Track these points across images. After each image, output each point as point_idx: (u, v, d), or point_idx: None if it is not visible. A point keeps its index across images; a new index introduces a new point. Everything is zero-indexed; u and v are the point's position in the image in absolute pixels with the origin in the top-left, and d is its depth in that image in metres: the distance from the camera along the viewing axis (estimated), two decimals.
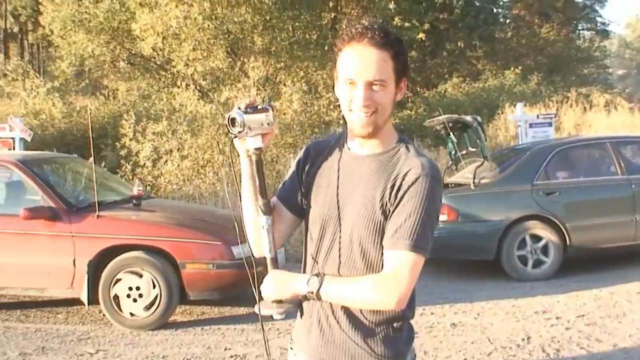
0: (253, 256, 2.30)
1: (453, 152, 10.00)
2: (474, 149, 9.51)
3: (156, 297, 6.56)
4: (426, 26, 22.40)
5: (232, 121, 2.16)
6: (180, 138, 13.45)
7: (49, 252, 6.81)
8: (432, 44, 24.99)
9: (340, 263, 2.15)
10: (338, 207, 2.17)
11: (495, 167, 9.23)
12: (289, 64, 18.14)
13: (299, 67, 18.15)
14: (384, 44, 2.06)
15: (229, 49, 17.42)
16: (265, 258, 2.23)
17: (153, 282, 6.54)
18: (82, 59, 18.95)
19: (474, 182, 8.75)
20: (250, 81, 15.13)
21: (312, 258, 2.24)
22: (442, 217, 8.43)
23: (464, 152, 9.71)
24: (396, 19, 21.04)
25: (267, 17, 17.54)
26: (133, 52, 19.13)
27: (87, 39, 18.12)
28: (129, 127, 13.98)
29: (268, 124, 2.20)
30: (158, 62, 18.80)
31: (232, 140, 2.26)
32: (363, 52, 2.06)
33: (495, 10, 32.01)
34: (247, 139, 2.20)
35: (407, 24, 21.45)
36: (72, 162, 9.09)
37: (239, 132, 2.16)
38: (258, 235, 2.25)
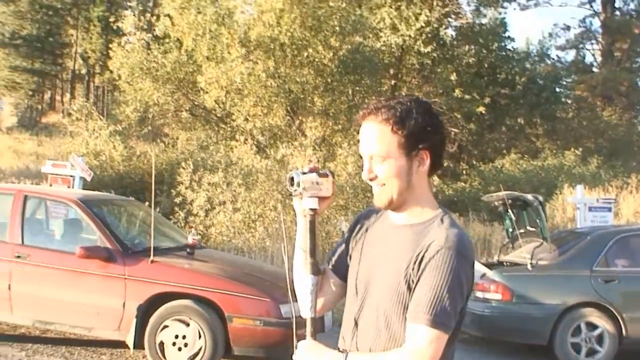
0: (296, 317, 2.37)
1: (510, 230, 9.82)
2: (532, 229, 9.32)
3: (201, 348, 6.53)
4: (487, 100, 22.39)
5: (291, 180, 2.25)
6: (235, 191, 13.57)
7: (100, 292, 6.87)
8: (492, 118, 24.95)
9: (368, 333, 2.17)
10: (369, 280, 2.21)
11: (554, 249, 8.97)
12: (347, 126, 18.29)
13: (356, 131, 18.23)
14: (385, 120, 2.13)
15: (288, 108, 17.66)
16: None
17: (199, 333, 6.53)
18: (146, 106, 19.37)
19: (531, 263, 8.52)
20: (307, 140, 15.27)
21: (348, 325, 2.26)
22: (496, 296, 8.29)
23: (521, 230, 9.53)
24: (457, 90, 21.12)
25: (329, 80, 17.80)
26: (196, 103, 19.51)
27: (153, 87, 18.56)
28: (186, 176, 14.18)
29: (318, 184, 2.27)
30: (219, 115, 19.13)
31: (291, 199, 2.34)
32: (365, 128, 2.18)
33: (557, 89, 31.88)
34: (304, 199, 2.28)
35: (467, 97, 21.49)
36: (129, 205, 9.23)
37: (295, 190, 2.25)
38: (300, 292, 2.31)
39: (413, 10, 19.51)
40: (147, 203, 10.64)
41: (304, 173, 2.26)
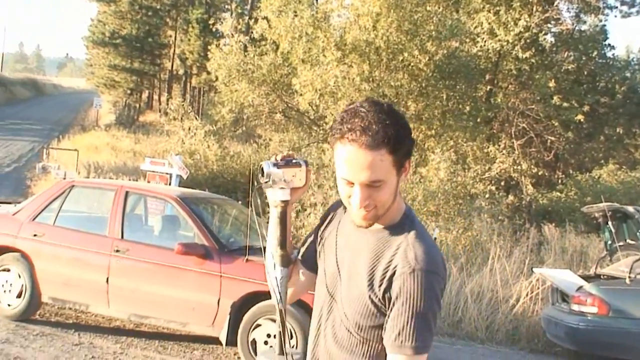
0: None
1: (610, 242, 9.57)
2: (632, 242, 9.06)
3: (292, 347, 6.57)
4: (585, 108, 21.77)
5: (261, 171, 2.19)
6: (326, 193, 13.62)
7: (196, 288, 6.99)
8: (590, 126, 24.23)
9: (335, 330, 2.11)
10: (338, 279, 2.13)
11: None
12: (440, 132, 18.12)
13: (449, 136, 18.10)
14: (380, 143, 1.92)
15: None
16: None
17: (291, 333, 6.58)
18: (241, 107, 19.67)
19: (629, 277, 8.27)
20: None
21: (317, 319, 2.21)
22: (592, 310, 8.06)
23: (620, 243, 9.26)
24: (555, 98, 20.61)
25: (424, 84, 17.66)
26: (290, 105, 19.69)
27: (249, 89, 18.82)
28: None
29: (288, 180, 2.19)
30: (312, 117, 19.25)
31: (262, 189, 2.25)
32: (357, 155, 1.93)
33: None
34: (275, 190, 2.22)
35: (565, 104, 20.94)
36: (224, 204, 9.37)
37: (265, 182, 2.19)
38: (270, 283, 2.28)
39: (512, 15, 19.15)
40: (240, 202, 10.80)
41: (276, 164, 2.18)
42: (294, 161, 2.23)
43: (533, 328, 9.90)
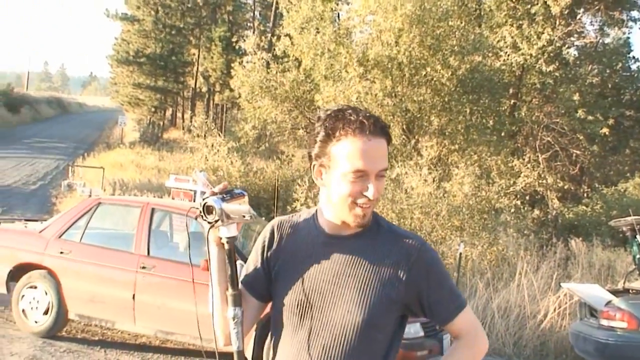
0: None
1: (638, 256, 9.45)
2: None
3: None
4: (610, 121, 21.63)
5: (208, 209, 2.04)
6: None
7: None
8: (615, 140, 24.04)
9: (331, 347, 2.06)
10: (323, 292, 2.08)
11: None
12: (464, 146, 18.05)
13: (473, 151, 18.02)
14: (383, 132, 2.04)
15: (404, 127, 17.58)
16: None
17: None
18: (264, 123, 19.75)
19: None
20: (422, 160, 15.15)
21: (292, 346, 2.11)
22: (621, 325, 7.97)
23: None
24: (579, 111, 20.49)
25: (447, 99, 17.62)
26: (312, 121, 19.69)
27: (272, 105, 18.92)
28: (302, 192, 14.34)
29: (251, 216, 2.05)
30: None
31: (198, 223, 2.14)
32: (371, 143, 2.02)
33: None
34: (225, 226, 2.08)
35: (590, 117, 20.81)
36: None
37: (215, 220, 2.04)
38: (225, 326, 2.14)
39: (535, 29, 19.09)
40: (263, 218, 10.82)
41: (224, 199, 2.06)
42: (236, 192, 2.15)
43: (561, 343, 9.80)
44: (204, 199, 2.06)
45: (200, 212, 2.06)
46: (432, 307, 2.12)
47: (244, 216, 2.05)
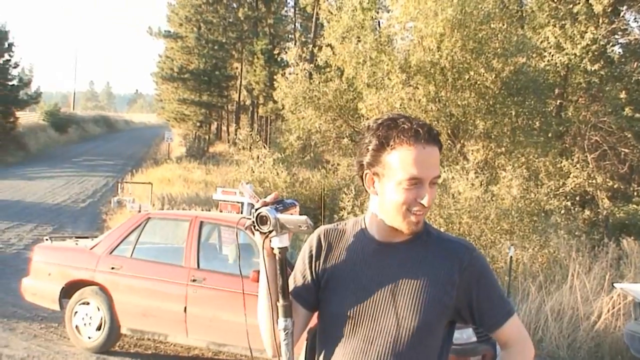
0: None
1: None
2: None
3: None
4: None
5: (262, 219, 2.03)
6: None
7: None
8: None
9: (386, 354, 2.06)
10: (376, 300, 2.08)
11: None
12: (510, 149, 17.85)
13: (520, 153, 17.81)
14: (436, 140, 2.07)
15: (449, 131, 17.48)
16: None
17: None
18: (309, 133, 19.83)
19: None
20: (469, 164, 15.04)
21: (344, 355, 2.11)
22: None
23: None
24: (627, 109, 20.12)
25: (491, 102, 17.46)
26: (357, 129, 19.73)
27: (316, 115, 18.98)
28: (348, 201, 14.35)
29: (307, 226, 2.02)
30: None
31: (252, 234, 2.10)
32: (426, 151, 2.04)
33: None
34: (274, 237, 2.07)
35: (637, 115, 20.43)
36: None
37: (269, 231, 2.03)
38: (275, 337, 2.14)
39: (578, 28, 18.80)
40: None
41: (277, 208, 2.06)
42: (288, 202, 2.15)
43: (616, 344, 9.61)
44: (256, 210, 2.06)
45: (254, 222, 2.05)
46: (482, 313, 2.14)
47: (300, 226, 2.04)
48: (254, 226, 2.05)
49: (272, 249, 2.10)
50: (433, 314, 2.07)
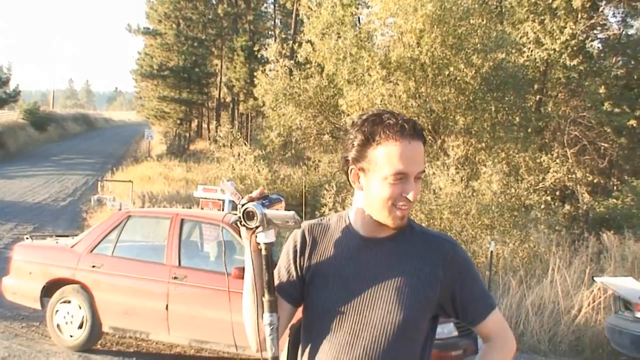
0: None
1: None
2: None
3: None
4: (637, 113, 21.37)
5: (248, 214, 2.01)
6: None
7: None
8: None
9: (371, 348, 2.06)
10: (361, 294, 2.09)
11: None
12: (490, 144, 17.93)
13: (500, 148, 17.90)
14: (421, 135, 2.09)
15: (430, 127, 17.52)
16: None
17: None
18: (289, 130, 19.81)
19: None
20: (449, 160, 15.09)
21: (330, 349, 2.11)
22: None
23: None
24: (606, 104, 20.31)
25: (471, 97, 17.52)
26: (337, 126, 19.75)
27: (296, 112, 18.96)
28: (330, 197, 14.35)
29: (295, 222, 2.01)
30: None
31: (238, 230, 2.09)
32: (411, 146, 2.05)
33: None
34: (260, 233, 2.05)
35: (617, 110, 20.62)
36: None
37: (256, 226, 2.02)
38: (259, 332, 2.12)
39: (557, 23, 18.93)
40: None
41: (263, 204, 2.04)
42: (274, 197, 2.14)
43: (597, 338, 9.71)
44: (243, 205, 2.04)
45: (240, 218, 2.04)
46: (464, 306, 2.15)
47: (287, 222, 2.04)
48: (241, 222, 2.04)
49: (258, 244, 2.09)
50: (417, 308, 2.08)
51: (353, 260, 2.14)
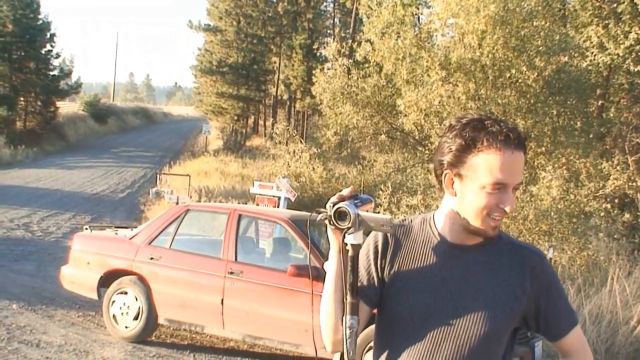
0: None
1: None
2: None
3: None
4: None
5: (341, 214, 1.96)
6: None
7: (308, 310, 7.01)
8: None
9: (454, 359, 2.02)
10: (446, 302, 2.04)
11: None
12: (551, 149, 17.62)
13: (560, 153, 17.58)
14: (524, 145, 2.04)
15: None
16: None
17: None
18: (346, 129, 19.78)
19: None
20: None
21: (409, 357, 2.06)
22: None
23: None
24: None
25: (532, 101, 17.22)
26: (394, 126, 19.62)
27: (353, 111, 18.89)
28: (385, 198, 14.29)
29: (390, 227, 1.96)
30: (416, 138, 19.13)
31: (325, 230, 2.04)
32: (514, 156, 2.00)
33: None
34: (354, 234, 1.99)
35: None
36: None
37: (348, 227, 1.95)
38: (335, 333, 2.08)
39: (622, 28, 18.47)
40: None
41: (355, 204, 1.98)
42: (364, 197, 2.08)
43: None
44: (334, 204, 1.99)
45: (331, 217, 1.99)
46: (547, 321, 2.14)
47: (383, 226, 1.99)
48: (330, 221, 2.00)
49: (345, 244, 2.03)
50: (502, 320, 2.04)
51: (439, 266, 2.10)
